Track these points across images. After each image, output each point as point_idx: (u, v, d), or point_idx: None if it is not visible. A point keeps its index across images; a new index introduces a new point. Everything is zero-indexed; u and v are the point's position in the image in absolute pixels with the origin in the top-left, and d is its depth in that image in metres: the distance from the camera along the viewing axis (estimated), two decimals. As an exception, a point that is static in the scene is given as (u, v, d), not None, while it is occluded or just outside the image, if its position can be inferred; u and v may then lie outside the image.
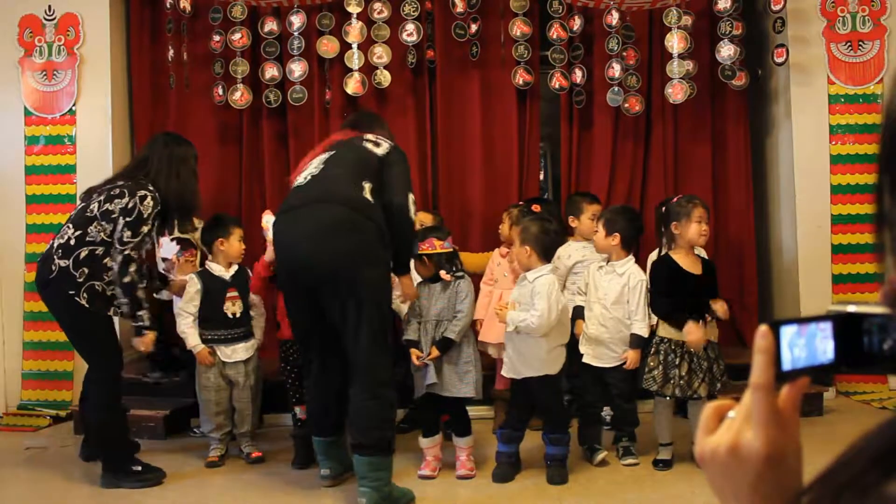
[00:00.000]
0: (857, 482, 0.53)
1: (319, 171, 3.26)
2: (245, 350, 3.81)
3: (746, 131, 5.05)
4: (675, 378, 3.47)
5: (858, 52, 4.75)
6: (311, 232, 3.12)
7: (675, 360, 3.48)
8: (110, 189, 3.49)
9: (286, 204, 3.29)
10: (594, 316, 3.69)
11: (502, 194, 4.84)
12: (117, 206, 3.43)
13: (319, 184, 3.22)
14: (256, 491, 3.45)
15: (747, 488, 0.61)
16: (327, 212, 3.13)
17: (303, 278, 3.15)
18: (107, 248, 3.44)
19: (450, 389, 3.48)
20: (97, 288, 3.42)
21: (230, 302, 3.79)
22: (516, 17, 4.78)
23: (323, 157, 3.32)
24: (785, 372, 0.61)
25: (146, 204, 3.44)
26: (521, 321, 3.35)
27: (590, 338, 3.68)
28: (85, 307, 3.41)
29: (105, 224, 3.44)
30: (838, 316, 0.61)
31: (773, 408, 0.61)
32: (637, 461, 3.63)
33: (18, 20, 4.80)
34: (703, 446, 0.64)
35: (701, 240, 3.62)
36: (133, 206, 3.42)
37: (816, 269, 4.70)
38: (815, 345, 0.61)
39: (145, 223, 3.44)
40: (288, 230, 3.21)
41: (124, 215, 3.41)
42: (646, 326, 3.60)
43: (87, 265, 3.42)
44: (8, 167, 4.79)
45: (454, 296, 3.51)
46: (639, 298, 3.61)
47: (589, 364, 3.68)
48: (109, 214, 3.43)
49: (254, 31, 4.86)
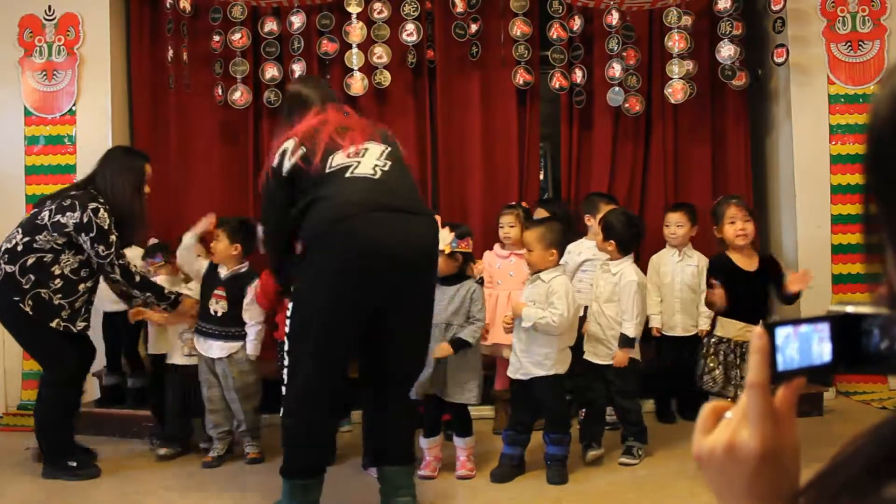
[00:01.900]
0: (854, 485, 0.53)
1: (389, 168, 2.90)
2: (220, 349, 3.78)
3: (746, 131, 5.05)
4: (737, 378, 3.45)
5: (858, 52, 4.75)
6: (415, 244, 2.84)
7: (735, 361, 3.47)
8: (62, 200, 3.51)
9: (360, 196, 2.79)
10: (592, 313, 3.72)
11: (502, 194, 4.84)
12: (70, 220, 3.44)
13: (400, 188, 2.91)
14: (256, 491, 3.45)
15: (744, 487, 0.61)
16: (425, 227, 2.91)
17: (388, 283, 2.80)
18: (55, 257, 3.46)
19: (453, 396, 3.48)
20: (43, 296, 3.45)
21: (215, 299, 3.80)
22: (516, 17, 4.78)
23: (383, 150, 2.97)
24: (781, 372, 0.61)
25: (101, 216, 3.47)
26: (542, 319, 3.35)
27: (590, 335, 3.70)
28: (28, 314, 3.45)
29: (55, 234, 3.46)
30: (835, 317, 0.61)
31: (769, 406, 0.61)
32: (635, 462, 3.61)
33: (18, 20, 4.80)
34: (701, 446, 0.64)
35: (738, 240, 3.58)
36: (89, 221, 3.44)
37: (816, 269, 4.67)
38: (812, 345, 0.61)
39: (111, 233, 3.48)
40: (385, 233, 2.78)
41: (85, 232, 3.43)
42: (633, 327, 3.59)
43: (33, 272, 3.45)
44: (8, 167, 4.80)
45: (468, 300, 3.50)
46: (628, 299, 3.60)
47: (590, 361, 3.69)
48: (61, 227, 3.45)
49: (254, 31, 4.87)
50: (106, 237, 3.46)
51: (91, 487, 3.54)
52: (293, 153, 2.90)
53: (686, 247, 4.30)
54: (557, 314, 3.35)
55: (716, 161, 5.04)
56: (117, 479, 3.65)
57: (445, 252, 3.47)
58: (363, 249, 2.72)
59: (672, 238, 4.32)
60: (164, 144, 4.99)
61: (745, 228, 3.57)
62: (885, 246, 0.56)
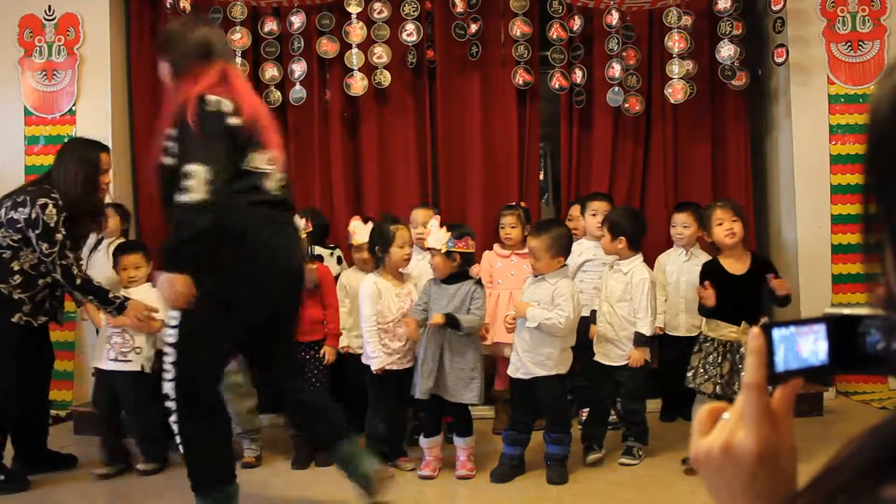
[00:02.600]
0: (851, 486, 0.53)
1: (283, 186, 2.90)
2: None
3: (746, 131, 5.04)
4: (716, 377, 3.48)
5: (858, 52, 4.75)
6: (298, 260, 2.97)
7: (717, 359, 3.50)
8: (17, 196, 3.47)
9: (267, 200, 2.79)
10: (602, 314, 3.72)
11: (502, 194, 4.84)
12: (21, 216, 3.40)
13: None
14: (256, 491, 3.45)
15: (741, 487, 0.61)
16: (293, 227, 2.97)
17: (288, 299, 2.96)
18: (14, 253, 3.43)
19: (455, 396, 3.49)
20: (3, 291, 3.42)
21: None
22: (516, 16, 4.78)
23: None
24: (778, 373, 0.61)
25: (48, 213, 3.38)
26: (547, 319, 3.36)
27: (600, 336, 3.70)
28: None
29: (10, 231, 3.42)
30: (832, 318, 0.62)
31: (766, 407, 0.62)
32: (635, 462, 3.62)
33: (18, 20, 4.81)
34: (698, 447, 0.64)
35: (727, 240, 3.58)
36: (36, 218, 3.38)
37: (816, 269, 4.70)
38: (809, 347, 0.62)
39: (56, 231, 3.39)
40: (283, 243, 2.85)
41: (32, 228, 3.38)
42: (648, 325, 3.60)
43: None
44: (8, 167, 4.79)
45: (468, 299, 3.51)
46: (642, 297, 3.61)
47: (600, 362, 3.69)
48: (14, 223, 3.41)
49: (254, 31, 4.87)
50: (51, 235, 3.37)
51: (82, 490, 3.54)
52: (233, 116, 2.67)
53: (693, 247, 4.29)
54: (564, 316, 3.35)
55: (716, 161, 5.04)
56: (115, 480, 3.65)
57: (441, 251, 3.47)
58: (270, 266, 2.75)
59: (679, 238, 4.31)
60: (164, 144, 4.99)
61: (733, 228, 3.59)
62: (885, 246, 0.56)
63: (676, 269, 4.28)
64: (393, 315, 3.61)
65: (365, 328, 3.60)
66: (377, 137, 4.96)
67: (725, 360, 3.47)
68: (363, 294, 3.62)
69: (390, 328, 3.60)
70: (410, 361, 3.63)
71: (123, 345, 3.68)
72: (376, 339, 3.57)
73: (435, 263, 3.53)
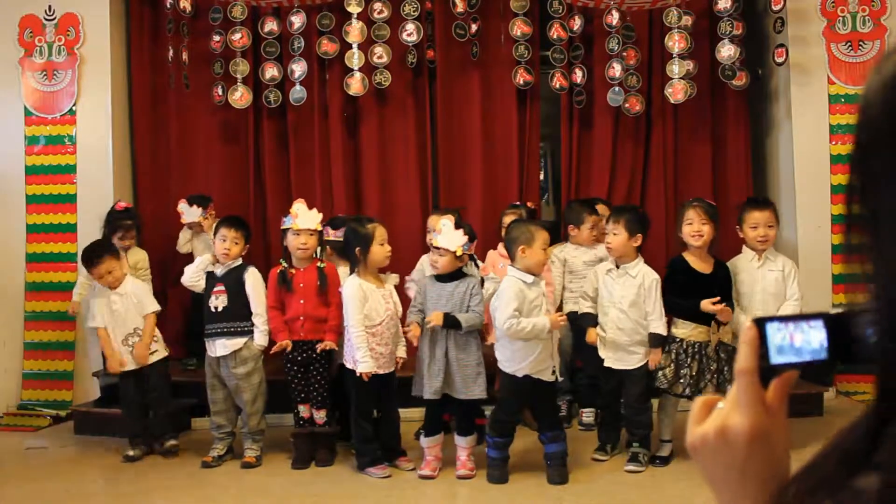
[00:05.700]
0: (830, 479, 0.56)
1: None
2: (223, 346, 3.76)
3: (746, 131, 5.05)
4: (686, 377, 3.49)
5: (858, 52, 4.75)
6: None
7: (685, 360, 3.51)
8: None
9: None
10: (610, 320, 3.66)
11: (502, 194, 4.84)
12: None
13: None
14: (256, 491, 3.45)
15: (736, 470, 0.63)
16: None
17: None
18: None
19: (464, 392, 3.50)
20: None
21: (214, 296, 3.79)
22: (516, 17, 4.78)
23: None
24: (773, 365, 0.62)
25: None
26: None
27: (608, 342, 3.66)
28: None
29: None
30: (828, 314, 0.62)
31: (758, 391, 0.63)
32: (641, 469, 3.57)
33: (18, 20, 4.81)
34: (694, 434, 0.66)
35: (692, 240, 3.61)
36: None
37: (816, 269, 4.69)
38: (803, 340, 0.62)
39: None
40: None
41: None
42: (663, 324, 3.61)
43: None
44: (8, 167, 4.80)
45: (467, 296, 3.51)
46: (654, 298, 3.61)
47: (611, 368, 3.67)
48: None
49: (254, 31, 4.87)
50: None
51: (84, 485, 3.54)
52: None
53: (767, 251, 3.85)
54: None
55: (716, 161, 5.04)
56: (116, 479, 3.65)
57: (457, 254, 3.48)
58: None
59: (761, 242, 3.82)
60: (164, 144, 5.00)
61: (701, 230, 3.60)
62: (867, 247, 0.56)
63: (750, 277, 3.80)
64: (381, 317, 3.57)
65: (353, 333, 3.51)
66: (377, 137, 4.96)
67: (694, 361, 3.51)
68: (347, 297, 3.55)
69: (377, 331, 3.56)
70: (393, 364, 3.63)
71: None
72: (366, 344, 3.50)
73: (442, 263, 3.53)
